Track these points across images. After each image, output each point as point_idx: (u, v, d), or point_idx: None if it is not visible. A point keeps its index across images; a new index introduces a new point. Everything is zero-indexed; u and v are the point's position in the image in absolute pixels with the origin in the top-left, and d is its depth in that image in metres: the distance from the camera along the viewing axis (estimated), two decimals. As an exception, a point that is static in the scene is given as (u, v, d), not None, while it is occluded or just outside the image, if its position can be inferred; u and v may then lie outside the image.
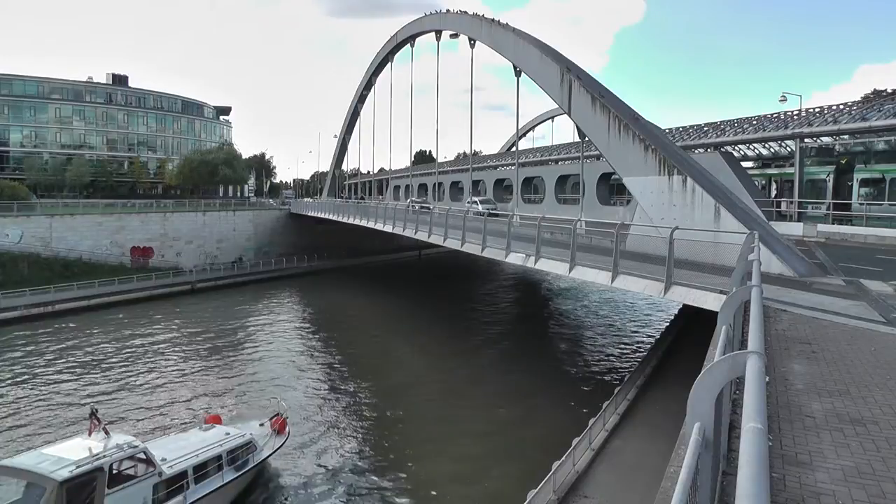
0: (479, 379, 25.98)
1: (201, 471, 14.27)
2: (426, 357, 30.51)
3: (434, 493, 16.31)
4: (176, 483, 13.61)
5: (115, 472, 12.72)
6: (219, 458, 14.84)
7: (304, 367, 28.20)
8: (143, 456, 13.38)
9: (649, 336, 33.11)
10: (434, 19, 50.06)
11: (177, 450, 14.55)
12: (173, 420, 21.25)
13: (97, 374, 26.58)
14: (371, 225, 40.28)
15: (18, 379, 25.72)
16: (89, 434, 13.76)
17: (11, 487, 12.20)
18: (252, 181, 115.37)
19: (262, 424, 17.58)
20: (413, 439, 19.64)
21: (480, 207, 37.90)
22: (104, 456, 12.67)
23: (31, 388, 24.51)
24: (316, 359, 30.04)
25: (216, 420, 17.32)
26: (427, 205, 47.84)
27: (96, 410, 14.51)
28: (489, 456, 18.04)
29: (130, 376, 26.20)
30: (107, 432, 13.64)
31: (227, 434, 15.93)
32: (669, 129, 45.50)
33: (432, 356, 30.55)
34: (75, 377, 26.06)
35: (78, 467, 12.09)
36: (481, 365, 28.15)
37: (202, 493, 14.11)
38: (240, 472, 15.27)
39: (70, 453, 12.69)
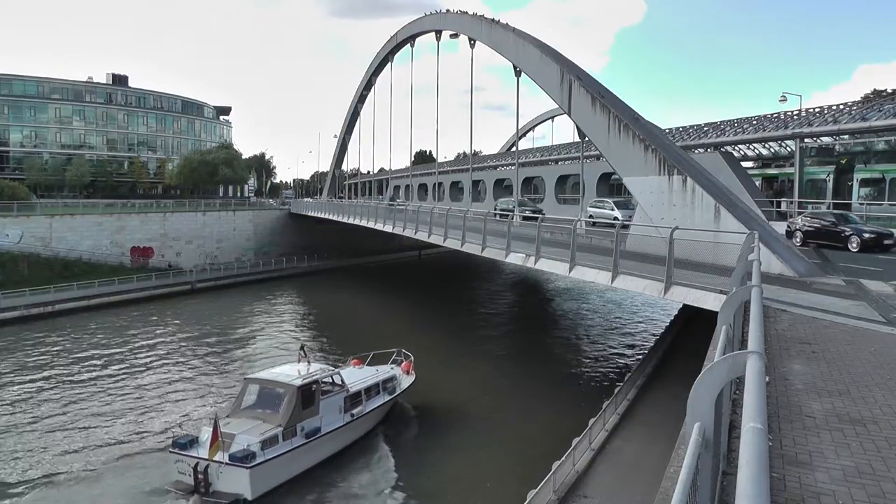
0: (479, 379, 25.97)
1: (368, 392, 19.26)
2: (426, 357, 30.39)
3: (434, 492, 16.30)
4: (356, 399, 18.65)
5: (322, 386, 17.77)
6: (377, 385, 19.89)
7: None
8: (331, 379, 18.47)
9: (649, 336, 33.10)
10: (434, 19, 50.07)
11: (351, 378, 19.37)
12: (176, 415, 21.38)
13: (99, 373, 26.57)
14: (371, 225, 40.24)
15: (17, 380, 25.74)
16: (298, 361, 18.99)
17: (251, 393, 17.46)
18: (252, 181, 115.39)
19: (392, 368, 21.79)
20: (411, 438, 19.62)
21: (619, 215, 27.00)
22: (316, 374, 17.86)
23: (30, 390, 24.51)
24: (316, 359, 29.99)
25: (359, 362, 21.66)
26: (536, 207, 36.88)
27: (304, 346, 20.38)
28: (489, 456, 18.04)
29: (133, 375, 26.18)
30: (309, 361, 18.92)
31: (377, 371, 20.86)
32: (669, 129, 45.53)
33: (432, 356, 30.43)
34: (76, 377, 26.05)
35: (304, 379, 17.21)
36: (481, 365, 28.14)
37: (371, 408, 19.03)
38: (390, 397, 20.26)
39: (293, 371, 17.97)
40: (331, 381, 18.38)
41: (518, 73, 34.04)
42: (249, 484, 14.70)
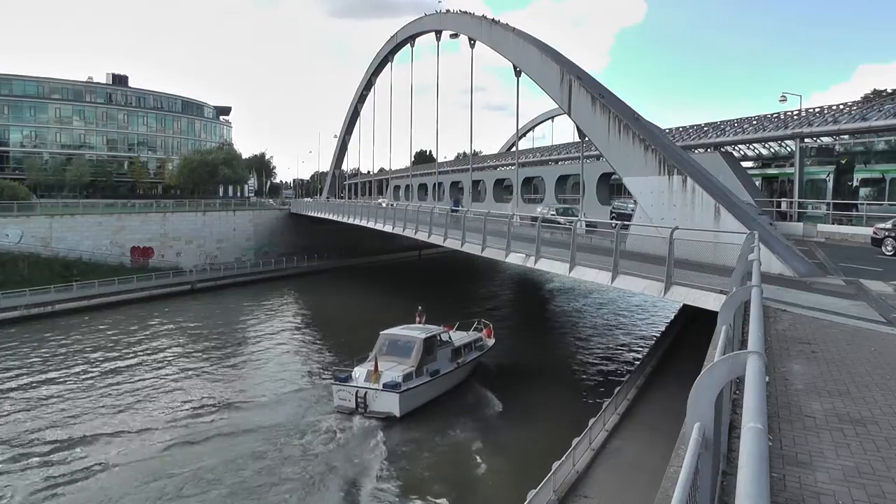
0: (479, 378, 25.93)
1: (466, 348, 24.31)
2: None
3: (434, 492, 16.28)
4: (458, 352, 23.69)
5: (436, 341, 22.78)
6: (470, 344, 24.98)
7: (305, 366, 28.21)
8: (441, 337, 23.18)
9: (649, 336, 33.09)
10: (434, 19, 50.08)
11: (453, 337, 24.29)
12: (179, 413, 21.54)
13: (100, 373, 26.57)
14: (371, 225, 40.24)
15: (17, 379, 25.74)
16: (415, 322, 24.65)
17: (385, 344, 22.29)
18: (252, 181, 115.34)
19: (476, 333, 26.35)
20: (412, 438, 19.60)
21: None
22: (434, 331, 23.17)
23: (28, 392, 24.50)
24: (317, 358, 30.03)
25: (448, 328, 25.10)
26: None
27: (421, 309, 25.50)
28: (489, 456, 18.03)
29: (135, 375, 26.17)
30: (424, 323, 24.53)
31: (467, 334, 25.70)
32: (669, 129, 45.51)
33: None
34: (78, 377, 26.05)
35: (426, 334, 22.48)
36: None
37: (468, 360, 24.12)
38: (480, 353, 25.32)
39: (417, 328, 23.41)
40: (440, 338, 23.02)
41: (518, 73, 34.06)
42: (398, 404, 19.81)
